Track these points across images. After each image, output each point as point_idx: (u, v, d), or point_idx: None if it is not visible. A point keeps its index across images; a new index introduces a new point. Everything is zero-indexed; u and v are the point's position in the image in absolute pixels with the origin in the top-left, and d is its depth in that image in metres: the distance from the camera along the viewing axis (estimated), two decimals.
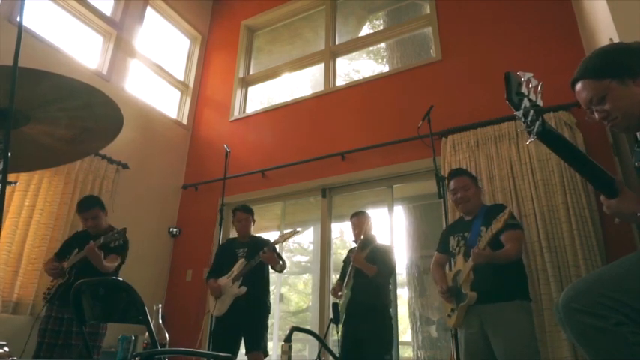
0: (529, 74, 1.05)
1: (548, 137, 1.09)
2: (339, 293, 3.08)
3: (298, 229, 3.34)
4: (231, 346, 3.03)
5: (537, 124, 1.04)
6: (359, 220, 3.19)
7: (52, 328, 2.75)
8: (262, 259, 3.11)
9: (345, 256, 3.33)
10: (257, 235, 3.50)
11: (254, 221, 3.45)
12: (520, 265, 2.35)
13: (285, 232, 3.28)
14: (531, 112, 1.03)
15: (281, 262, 3.23)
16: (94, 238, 2.90)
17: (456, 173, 2.61)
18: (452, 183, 2.55)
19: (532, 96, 1.04)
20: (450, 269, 2.70)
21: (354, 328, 2.89)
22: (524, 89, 1.04)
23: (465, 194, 2.48)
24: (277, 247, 3.31)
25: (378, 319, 2.87)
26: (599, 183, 1.18)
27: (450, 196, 2.61)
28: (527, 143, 1.13)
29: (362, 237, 3.11)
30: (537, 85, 1.05)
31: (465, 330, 2.32)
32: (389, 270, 3.03)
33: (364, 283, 2.93)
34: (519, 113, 1.04)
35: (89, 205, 3.07)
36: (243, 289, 3.11)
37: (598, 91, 1.24)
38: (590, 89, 1.26)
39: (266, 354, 3.05)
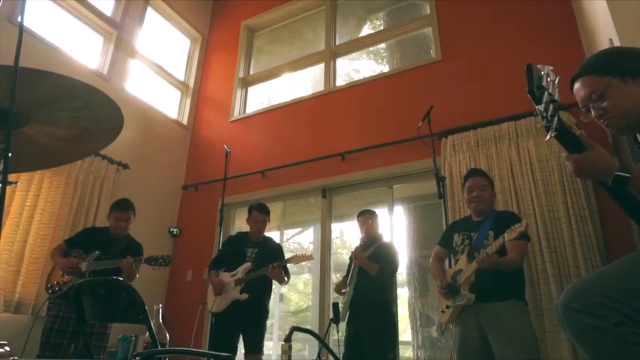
0: (549, 67, 1.02)
1: (566, 133, 1.08)
2: (343, 290, 3.07)
3: (313, 257, 3.21)
4: (230, 344, 3.01)
5: (556, 119, 1.03)
6: (364, 219, 3.18)
7: (59, 328, 2.74)
8: (269, 275, 3.01)
9: (348, 254, 3.32)
10: (269, 236, 3.39)
11: (269, 221, 3.35)
12: (519, 268, 2.35)
13: (300, 254, 3.14)
14: (551, 107, 1.02)
15: (287, 278, 3.16)
16: (115, 242, 2.98)
17: (475, 172, 2.61)
18: (469, 181, 2.55)
19: (551, 90, 1.03)
20: (450, 265, 2.70)
21: (357, 326, 2.89)
22: (544, 83, 1.02)
23: (480, 194, 2.47)
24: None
25: (381, 317, 2.86)
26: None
27: (465, 194, 2.59)
28: (546, 139, 1.09)
29: (364, 236, 3.11)
30: (555, 80, 1.04)
31: (461, 327, 2.33)
32: (392, 268, 3.01)
33: (367, 282, 2.92)
34: (540, 107, 1.02)
35: (129, 207, 3.10)
36: (245, 296, 3.02)
37: (598, 87, 1.24)
38: (591, 85, 1.26)
39: (260, 352, 3.03)
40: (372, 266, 2.92)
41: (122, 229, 3.06)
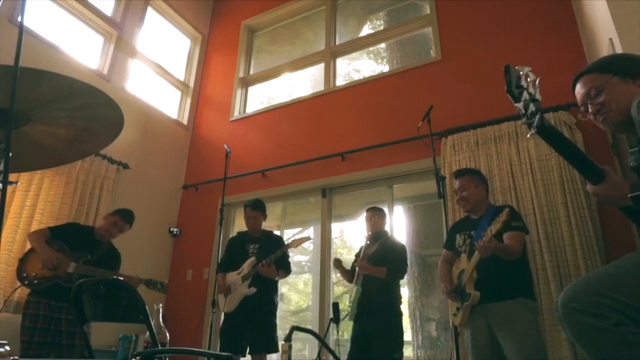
0: (527, 68, 1.06)
1: (548, 130, 1.10)
2: (351, 287, 3.06)
3: (310, 237, 3.22)
4: (239, 343, 3.01)
5: (537, 117, 1.05)
6: (370, 215, 3.16)
7: (42, 327, 2.70)
8: (261, 272, 3.04)
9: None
10: (269, 230, 3.43)
11: (265, 217, 3.37)
12: (524, 265, 2.35)
13: (297, 237, 3.18)
14: (531, 105, 1.04)
15: (283, 271, 3.17)
16: (98, 245, 2.98)
17: (457, 174, 2.63)
18: (455, 184, 2.59)
19: (531, 90, 1.05)
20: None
21: (365, 325, 2.87)
22: (523, 82, 1.05)
23: (462, 195, 2.50)
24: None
25: (388, 316, 2.85)
26: (596, 179, 1.19)
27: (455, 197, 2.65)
28: (528, 136, 1.13)
29: (369, 234, 3.07)
30: (536, 80, 1.06)
31: (471, 330, 2.33)
32: (400, 268, 2.97)
33: (374, 280, 2.90)
34: (520, 105, 1.05)
35: (132, 220, 3.16)
36: (253, 289, 3.05)
37: (598, 83, 1.28)
38: (591, 81, 1.30)
39: (277, 350, 3.00)
40: (379, 271, 2.88)
41: (111, 236, 3.06)
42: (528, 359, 2.04)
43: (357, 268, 3.03)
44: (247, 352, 3.05)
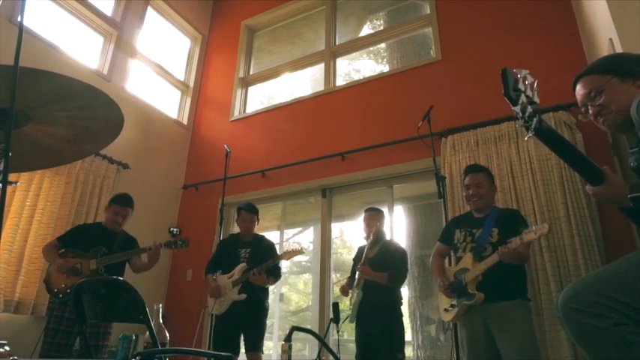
0: (525, 71, 1.05)
1: (545, 133, 1.11)
2: (350, 290, 3.05)
3: (303, 250, 3.22)
4: (233, 344, 3.03)
5: (535, 120, 1.05)
6: (370, 216, 3.13)
7: (65, 329, 2.73)
8: (252, 281, 3.05)
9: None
10: (261, 234, 3.44)
11: (258, 221, 3.38)
12: (523, 267, 2.36)
13: (290, 249, 3.18)
14: (529, 108, 1.05)
15: (273, 278, 3.18)
16: (114, 236, 3.01)
17: (472, 169, 2.59)
18: (467, 178, 2.54)
19: (529, 93, 1.05)
20: (450, 263, 2.68)
21: (367, 327, 2.87)
22: (521, 85, 1.05)
23: (476, 191, 2.46)
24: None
25: (390, 317, 2.84)
26: (596, 179, 1.19)
27: (463, 191, 2.60)
28: (526, 139, 1.13)
29: (372, 237, 3.02)
30: (534, 83, 1.06)
31: (468, 329, 2.33)
32: (402, 274, 2.96)
33: (375, 283, 2.88)
34: (517, 109, 1.05)
35: (128, 203, 3.12)
36: (243, 296, 3.06)
37: (598, 84, 1.28)
38: (591, 83, 1.30)
39: (261, 351, 3.07)
40: (381, 277, 2.86)
41: (119, 225, 3.08)
42: (524, 358, 2.06)
43: (357, 273, 3.02)
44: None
